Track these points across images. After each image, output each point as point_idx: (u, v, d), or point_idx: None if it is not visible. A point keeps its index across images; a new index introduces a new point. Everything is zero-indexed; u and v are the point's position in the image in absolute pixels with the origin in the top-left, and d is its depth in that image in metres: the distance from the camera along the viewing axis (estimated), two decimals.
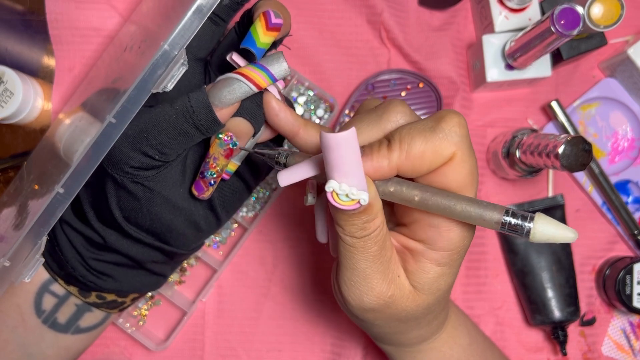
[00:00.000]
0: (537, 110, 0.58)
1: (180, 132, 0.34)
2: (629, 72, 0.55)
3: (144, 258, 0.39)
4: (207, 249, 0.56)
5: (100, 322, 0.44)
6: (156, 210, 0.37)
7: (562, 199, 0.56)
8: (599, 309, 0.57)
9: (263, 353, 0.55)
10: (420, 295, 0.34)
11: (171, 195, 0.36)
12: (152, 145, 0.34)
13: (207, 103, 0.34)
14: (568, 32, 0.45)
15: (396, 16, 0.56)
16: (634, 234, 0.56)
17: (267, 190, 0.56)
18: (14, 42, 0.56)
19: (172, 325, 0.56)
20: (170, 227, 0.38)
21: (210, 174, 0.35)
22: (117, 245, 0.38)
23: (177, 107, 0.34)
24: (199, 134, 0.35)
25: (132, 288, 0.41)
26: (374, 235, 0.32)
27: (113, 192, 0.36)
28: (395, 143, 0.31)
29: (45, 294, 0.41)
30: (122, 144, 0.34)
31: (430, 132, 0.30)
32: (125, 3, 0.55)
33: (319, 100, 0.56)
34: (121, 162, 0.35)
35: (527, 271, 0.55)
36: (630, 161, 0.57)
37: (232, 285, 0.56)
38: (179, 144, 0.35)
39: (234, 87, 0.34)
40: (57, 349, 0.43)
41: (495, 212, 0.30)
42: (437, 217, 0.32)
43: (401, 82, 0.57)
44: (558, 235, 0.29)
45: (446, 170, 0.31)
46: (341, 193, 0.29)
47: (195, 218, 0.38)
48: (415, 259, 0.34)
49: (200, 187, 0.36)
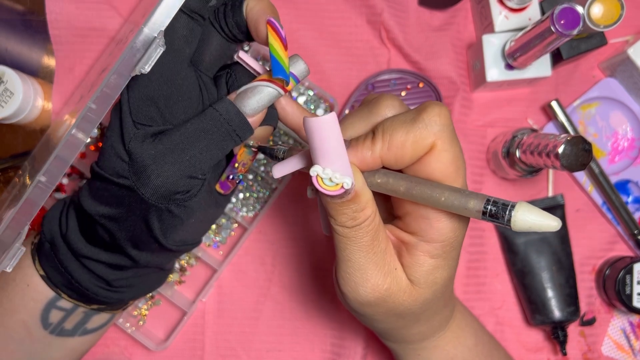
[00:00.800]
0: (537, 110, 0.58)
1: (216, 145, 0.35)
2: (629, 72, 0.55)
3: (166, 262, 0.41)
4: (207, 248, 0.57)
5: (107, 321, 0.44)
6: (196, 226, 0.39)
7: (562, 198, 0.56)
8: (599, 309, 0.57)
9: (263, 353, 0.55)
10: (417, 289, 0.34)
11: (205, 207, 0.38)
12: (197, 169, 0.35)
13: (237, 111, 0.35)
14: (568, 32, 0.45)
15: (396, 16, 0.56)
16: (634, 233, 0.56)
17: (267, 190, 0.56)
18: (14, 42, 0.56)
19: (172, 325, 0.56)
20: (200, 234, 0.41)
21: (239, 176, 0.38)
22: (148, 261, 0.39)
23: (208, 120, 0.35)
24: (232, 144, 0.36)
25: (148, 290, 0.43)
26: (365, 225, 0.32)
27: (156, 222, 0.36)
28: (378, 134, 0.32)
29: (52, 310, 0.41)
30: (168, 177, 0.34)
31: (411, 123, 0.31)
32: (125, 3, 0.55)
33: (319, 100, 0.56)
34: (170, 192, 0.35)
35: (527, 271, 0.55)
36: (630, 161, 0.57)
37: (232, 285, 0.56)
38: (214, 158, 0.36)
39: (262, 95, 0.35)
40: (64, 350, 0.43)
41: (477, 201, 0.30)
42: (426, 208, 0.33)
43: (401, 82, 0.57)
44: (539, 223, 0.28)
45: (428, 160, 0.32)
46: (325, 177, 0.30)
47: (214, 217, 0.41)
48: (409, 252, 0.34)
49: (226, 186, 0.39)
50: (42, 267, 0.40)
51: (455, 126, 0.55)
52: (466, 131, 0.57)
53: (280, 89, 0.35)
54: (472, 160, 0.57)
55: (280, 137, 0.56)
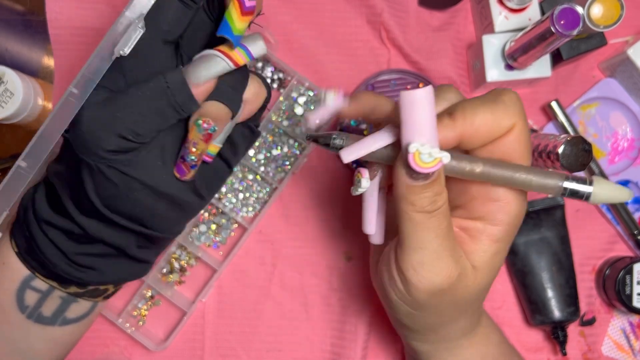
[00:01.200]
0: (537, 111, 0.58)
1: (155, 110, 0.34)
2: (629, 72, 0.55)
3: (126, 244, 0.39)
4: (207, 249, 0.57)
5: (88, 311, 0.43)
6: (136, 196, 0.36)
7: (562, 199, 0.57)
8: (599, 309, 0.57)
9: (263, 353, 0.55)
10: (480, 275, 0.35)
11: (150, 180, 0.36)
12: (126, 126, 0.33)
13: (183, 80, 0.33)
14: (568, 32, 0.45)
15: (396, 16, 0.56)
16: (633, 234, 0.56)
17: (267, 190, 0.56)
18: (14, 42, 0.56)
19: (172, 325, 0.56)
20: (152, 212, 0.37)
21: (191, 158, 0.35)
22: (98, 234, 0.37)
23: (151, 85, 0.33)
24: (174, 113, 0.34)
25: (117, 278, 0.41)
26: (444, 210, 0.32)
27: (89, 180, 0.35)
28: (458, 114, 0.32)
29: (26, 290, 0.40)
30: (95, 126, 0.33)
31: (492, 103, 0.32)
32: (126, 2, 0.55)
33: (319, 101, 0.56)
34: (95, 146, 0.34)
35: (527, 271, 0.55)
36: (630, 161, 0.57)
37: (232, 285, 0.56)
38: (153, 124, 0.34)
39: (210, 63, 0.33)
40: (46, 342, 0.42)
41: (556, 179, 0.32)
42: (496, 190, 0.33)
43: (401, 82, 0.57)
44: (615, 195, 0.31)
45: (506, 141, 0.33)
46: (424, 152, 0.29)
47: (178, 201, 0.38)
48: (473, 239, 0.34)
49: (182, 170, 0.36)
50: (15, 242, 0.40)
51: None
52: None
53: (228, 60, 0.33)
54: None
55: (280, 138, 0.56)
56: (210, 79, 0.34)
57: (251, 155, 0.56)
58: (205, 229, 0.56)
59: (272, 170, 0.56)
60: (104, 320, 0.55)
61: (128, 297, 0.56)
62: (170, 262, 0.56)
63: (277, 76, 0.56)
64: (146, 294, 0.56)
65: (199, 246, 0.56)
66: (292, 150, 0.56)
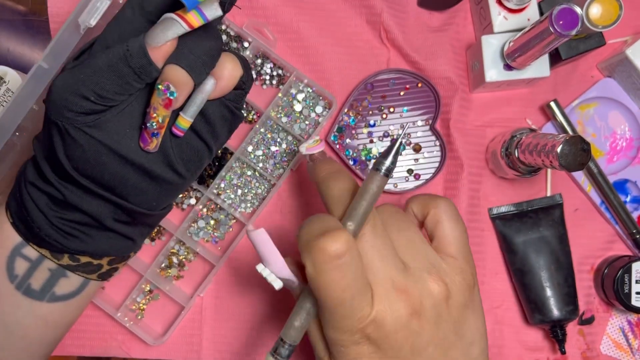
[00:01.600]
0: (535, 110, 0.58)
1: (116, 72, 0.35)
2: (628, 72, 0.55)
3: (103, 215, 0.39)
4: (206, 244, 0.57)
5: (77, 290, 0.43)
6: (103, 160, 0.36)
7: (560, 198, 0.57)
8: (598, 308, 0.57)
9: (260, 348, 0.56)
10: None
11: (117, 145, 0.36)
12: (88, 87, 0.35)
13: (141, 42, 0.34)
14: (567, 33, 0.45)
15: (395, 16, 0.57)
16: (632, 233, 0.56)
17: (265, 187, 0.56)
18: (16, 42, 0.57)
19: (170, 320, 0.56)
20: (122, 179, 0.38)
21: (151, 124, 0.36)
22: (75, 201, 0.38)
23: (114, 50, 0.35)
24: (134, 76, 0.35)
25: (99, 250, 0.41)
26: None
27: (59, 141, 0.36)
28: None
29: (17, 258, 0.40)
30: (62, 88, 0.35)
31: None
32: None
33: (318, 97, 0.56)
34: (60, 106, 0.35)
35: (526, 270, 0.55)
36: (628, 161, 0.57)
37: (230, 280, 0.56)
38: (115, 86, 0.35)
39: (166, 25, 0.34)
40: (34, 318, 0.42)
41: None
42: None
43: (400, 82, 0.57)
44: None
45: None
46: (264, 275, 0.37)
47: (150, 172, 0.38)
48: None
49: (144, 139, 0.37)
50: (9, 211, 0.40)
51: (454, 126, 0.56)
52: (465, 131, 0.57)
53: (181, 21, 0.34)
54: (471, 160, 0.57)
55: (278, 134, 0.56)
56: (167, 42, 0.35)
57: (250, 151, 0.56)
58: (203, 225, 0.56)
59: (271, 167, 0.56)
60: (102, 314, 0.55)
61: (127, 291, 0.56)
62: (168, 257, 0.56)
63: (276, 72, 0.57)
64: (145, 288, 0.56)
65: (198, 241, 0.57)
66: (291, 147, 0.56)
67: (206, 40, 0.36)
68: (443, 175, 0.57)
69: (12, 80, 0.51)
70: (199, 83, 0.36)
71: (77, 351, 0.56)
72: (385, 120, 0.57)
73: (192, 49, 0.35)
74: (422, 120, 0.57)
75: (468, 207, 0.56)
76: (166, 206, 0.43)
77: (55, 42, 0.32)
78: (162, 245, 0.56)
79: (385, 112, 0.57)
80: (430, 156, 0.57)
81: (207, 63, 0.36)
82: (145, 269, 0.55)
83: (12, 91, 0.51)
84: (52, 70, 0.32)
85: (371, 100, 0.57)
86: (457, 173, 0.57)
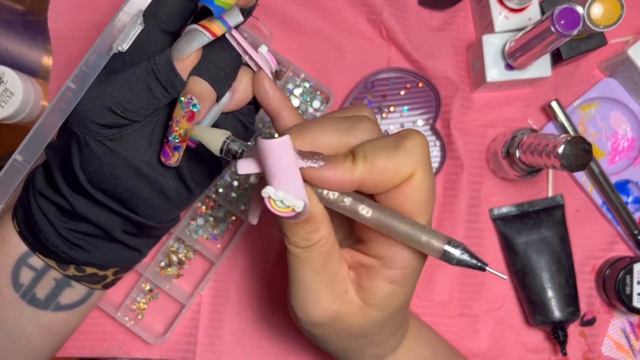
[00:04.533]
0: (537, 110, 0.58)
1: (143, 85, 0.34)
2: (629, 72, 0.55)
3: (112, 227, 0.39)
4: (205, 242, 0.57)
5: (82, 299, 0.43)
6: (119, 174, 0.36)
7: (561, 198, 0.57)
8: (599, 309, 0.57)
9: (258, 348, 0.55)
10: (370, 312, 0.34)
11: (134, 159, 0.36)
12: (116, 101, 0.34)
13: (168, 56, 0.34)
14: (568, 32, 0.45)
15: (396, 15, 0.56)
16: (633, 234, 0.56)
17: None
18: (14, 42, 0.57)
19: (171, 319, 0.56)
20: (135, 193, 0.37)
21: (174, 137, 0.36)
22: (85, 212, 0.38)
23: (142, 65, 0.35)
24: (161, 89, 0.35)
25: (106, 261, 0.41)
26: (318, 247, 0.32)
27: (77, 152, 0.36)
28: (359, 157, 0.31)
29: (22, 267, 0.40)
30: (87, 100, 0.35)
31: (393, 149, 0.31)
32: None
33: (315, 92, 0.56)
34: (85, 118, 0.35)
35: (527, 271, 0.55)
36: (630, 161, 0.57)
37: (230, 278, 0.56)
38: (142, 100, 0.35)
39: (190, 35, 0.34)
40: (37, 326, 0.42)
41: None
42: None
43: (400, 81, 0.57)
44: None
45: (405, 189, 0.31)
46: (276, 199, 0.30)
47: (162, 187, 0.38)
48: (369, 276, 0.34)
49: (166, 153, 0.36)
50: (16, 220, 0.40)
51: (455, 126, 0.56)
52: (466, 131, 0.57)
53: (205, 30, 0.34)
54: (471, 160, 0.57)
55: None
56: (191, 52, 0.35)
57: None
58: (203, 222, 0.56)
59: None
60: (103, 315, 0.55)
61: (127, 291, 0.56)
62: (168, 256, 0.56)
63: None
64: (145, 287, 0.56)
65: (197, 239, 0.57)
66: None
67: (226, 52, 0.36)
68: (443, 176, 0.57)
69: (10, 80, 0.50)
70: (221, 95, 0.36)
71: (78, 352, 0.56)
72: (386, 120, 0.57)
73: (214, 61, 0.35)
74: (423, 119, 0.57)
75: (468, 208, 0.56)
76: (174, 218, 0.42)
77: (84, 63, 0.32)
78: (162, 243, 0.56)
79: (386, 112, 0.57)
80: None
81: (229, 75, 0.36)
82: (145, 267, 0.54)
83: (10, 91, 0.50)
84: (80, 91, 0.33)
85: (371, 99, 0.57)
86: (457, 173, 0.56)
